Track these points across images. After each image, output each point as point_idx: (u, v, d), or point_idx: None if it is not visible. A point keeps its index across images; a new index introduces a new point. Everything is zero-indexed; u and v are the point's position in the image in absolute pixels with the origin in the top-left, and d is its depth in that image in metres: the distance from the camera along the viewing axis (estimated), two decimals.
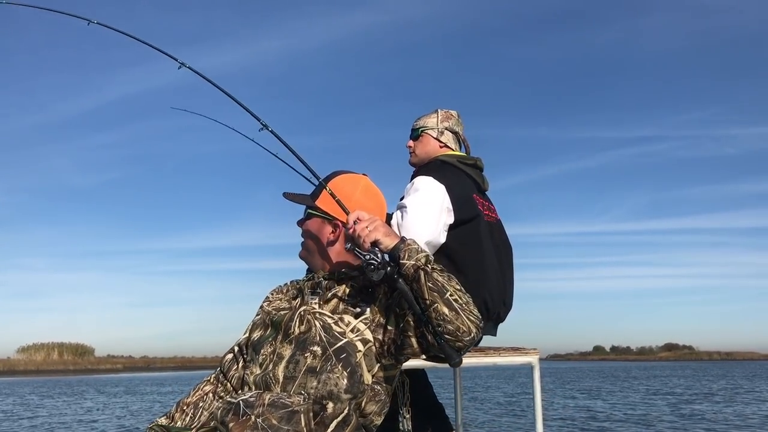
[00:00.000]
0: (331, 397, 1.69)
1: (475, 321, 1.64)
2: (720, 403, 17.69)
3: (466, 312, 1.64)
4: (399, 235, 1.77)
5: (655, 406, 16.82)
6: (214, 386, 1.93)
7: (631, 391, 23.36)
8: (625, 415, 14.39)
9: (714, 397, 19.61)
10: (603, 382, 31.14)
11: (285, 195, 1.99)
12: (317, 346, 1.74)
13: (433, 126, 3.13)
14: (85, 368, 57.88)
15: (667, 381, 32.24)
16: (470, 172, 3.05)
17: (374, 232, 1.73)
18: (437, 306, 1.63)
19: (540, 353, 2.89)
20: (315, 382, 1.70)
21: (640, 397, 19.81)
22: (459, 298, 1.65)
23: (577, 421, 13.22)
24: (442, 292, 1.63)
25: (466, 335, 1.63)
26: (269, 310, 1.91)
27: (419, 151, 3.15)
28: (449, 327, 1.62)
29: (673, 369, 55.74)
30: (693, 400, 18.47)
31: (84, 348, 62.16)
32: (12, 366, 54.21)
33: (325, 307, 1.82)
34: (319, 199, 1.93)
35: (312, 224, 1.95)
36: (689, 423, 12.69)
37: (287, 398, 1.68)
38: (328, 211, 1.92)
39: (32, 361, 55.49)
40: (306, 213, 1.98)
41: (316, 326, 1.77)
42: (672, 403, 17.27)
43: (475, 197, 2.98)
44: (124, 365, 65.45)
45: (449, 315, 1.62)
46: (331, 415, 1.69)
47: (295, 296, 1.92)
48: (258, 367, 1.80)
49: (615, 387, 26.18)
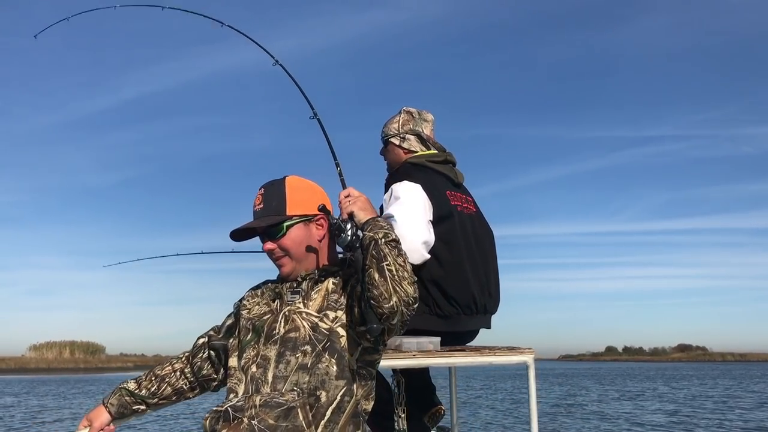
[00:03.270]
0: (324, 386, 1.75)
1: (401, 292, 1.69)
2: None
3: (395, 282, 1.68)
4: (377, 213, 1.85)
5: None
6: (184, 365, 2.07)
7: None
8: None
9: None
10: (613, 383, 30.98)
11: (255, 226, 1.93)
12: (307, 345, 1.79)
13: (395, 132, 3.13)
14: (96, 366, 58.20)
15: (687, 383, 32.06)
16: (440, 168, 3.05)
17: (352, 206, 1.85)
18: (371, 271, 1.69)
19: (536, 353, 2.84)
20: (307, 377, 1.76)
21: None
22: (395, 269, 1.69)
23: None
24: (380, 260, 1.70)
25: (386, 302, 1.67)
26: (251, 317, 1.92)
27: (388, 159, 3.18)
28: (374, 292, 1.68)
29: (686, 370, 55.43)
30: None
31: (95, 346, 62.50)
32: (24, 364, 54.61)
33: (310, 306, 1.86)
34: (289, 207, 1.92)
35: (294, 234, 1.91)
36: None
37: (280, 397, 1.74)
38: (306, 212, 1.93)
39: (44, 359, 55.82)
40: (277, 231, 1.91)
41: (305, 327, 1.82)
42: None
43: (448, 193, 2.99)
44: (136, 363, 65.75)
45: (377, 280, 1.68)
46: (325, 403, 1.75)
47: (273, 298, 1.94)
48: (243, 372, 1.83)
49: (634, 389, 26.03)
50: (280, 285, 1.95)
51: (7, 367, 53.07)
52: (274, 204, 1.92)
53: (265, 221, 1.90)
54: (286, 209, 1.91)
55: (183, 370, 2.06)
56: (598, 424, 13.74)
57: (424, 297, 2.82)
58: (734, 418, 15.06)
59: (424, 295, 2.83)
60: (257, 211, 1.94)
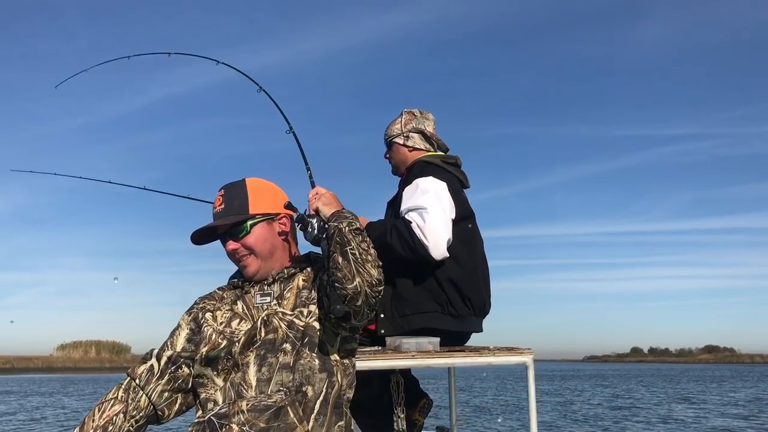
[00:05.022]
0: (309, 381, 1.77)
1: (364, 274, 1.73)
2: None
3: (358, 264, 1.73)
4: (341, 205, 1.90)
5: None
6: (124, 405, 1.84)
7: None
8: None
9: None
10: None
11: (219, 224, 1.91)
12: (286, 344, 1.81)
13: (398, 132, 3.13)
14: (121, 366, 58.82)
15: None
16: (453, 170, 3.06)
17: (317, 202, 1.90)
18: (335, 255, 1.73)
19: (535, 353, 2.83)
20: (291, 375, 1.77)
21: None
22: (357, 253, 1.74)
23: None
24: (343, 245, 1.74)
25: (349, 282, 1.71)
26: (219, 327, 1.87)
27: (394, 161, 3.18)
28: (338, 274, 1.73)
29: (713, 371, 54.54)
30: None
31: (120, 346, 63.21)
32: (51, 363, 55.46)
33: (284, 305, 1.88)
34: (251, 206, 1.92)
35: (258, 233, 1.92)
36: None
37: (267, 399, 1.73)
38: (269, 210, 1.95)
39: (70, 359, 56.61)
40: (240, 230, 1.90)
41: (282, 327, 1.83)
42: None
43: (464, 195, 3.01)
44: None
45: (341, 263, 1.72)
46: (313, 397, 1.77)
47: (236, 301, 1.92)
48: (221, 380, 1.82)
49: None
50: (247, 285, 1.94)
51: (35, 366, 53.99)
52: (236, 204, 1.91)
53: (229, 220, 1.89)
54: (248, 208, 1.91)
55: (126, 411, 1.84)
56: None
57: (437, 296, 2.83)
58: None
59: (438, 294, 2.83)
60: (218, 212, 1.93)
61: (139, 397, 1.86)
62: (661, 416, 15.68)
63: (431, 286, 2.83)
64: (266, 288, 1.91)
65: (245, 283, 1.95)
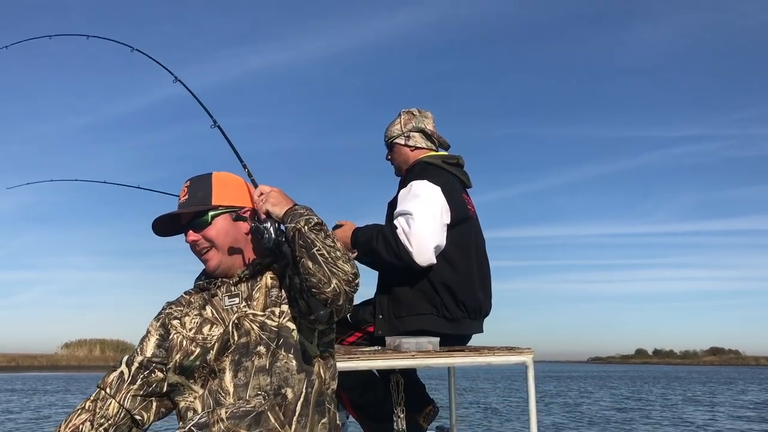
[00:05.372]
0: (287, 383, 1.73)
1: (338, 273, 1.66)
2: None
3: (330, 264, 1.66)
4: (292, 201, 1.80)
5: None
6: (91, 414, 1.80)
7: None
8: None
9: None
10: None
11: (179, 212, 1.86)
12: (260, 347, 1.76)
13: (399, 133, 3.11)
14: None
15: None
16: (455, 171, 3.04)
17: (265, 204, 1.78)
18: (303, 261, 1.66)
19: (537, 354, 2.83)
20: (269, 378, 1.73)
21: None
22: (326, 252, 1.66)
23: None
24: (309, 248, 1.66)
25: (327, 286, 1.65)
26: (190, 334, 1.82)
27: (397, 161, 3.16)
28: (312, 280, 1.66)
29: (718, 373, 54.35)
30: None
31: (124, 345, 63.12)
32: (56, 361, 55.57)
33: (254, 306, 1.82)
34: (214, 198, 1.87)
35: (220, 225, 1.86)
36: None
37: (246, 404, 1.70)
38: (232, 203, 1.88)
39: (75, 357, 56.71)
40: (201, 221, 1.85)
41: (254, 329, 1.79)
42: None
43: (464, 197, 3.00)
44: None
45: (312, 268, 1.65)
46: (293, 399, 1.73)
47: (204, 305, 1.87)
48: (198, 387, 1.79)
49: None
50: (213, 289, 1.88)
51: (39, 365, 54.14)
52: (199, 195, 1.87)
53: (190, 209, 1.85)
54: (211, 200, 1.86)
55: (93, 420, 1.80)
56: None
57: (431, 299, 2.84)
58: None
59: (432, 297, 2.84)
60: (182, 202, 1.88)
61: (107, 405, 1.81)
62: (672, 419, 15.57)
63: (426, 288, 2.84)
64: (233, 288, 1.85)
65: (211, 284, 1.89)
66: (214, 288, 1.88)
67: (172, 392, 1.84)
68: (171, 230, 1.91)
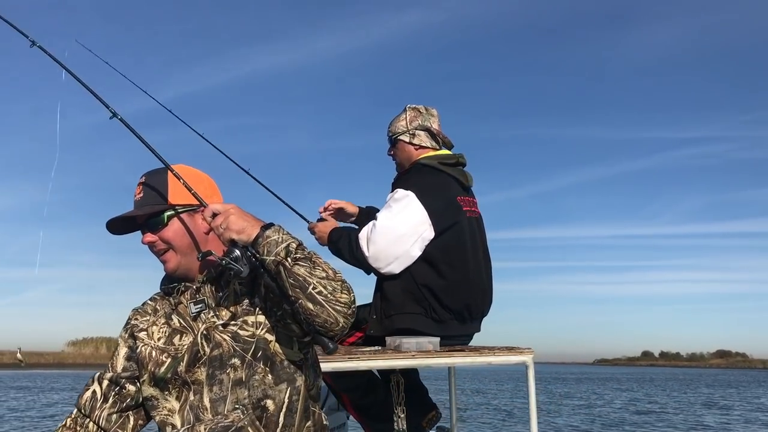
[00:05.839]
0: (267, 394, 1.66)
1: (342, 310, 1.56)
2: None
3: (332, 303, 1.55)
4: (258, 222, 1.61)
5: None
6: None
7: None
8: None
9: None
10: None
11: (133, 215, 1.73)
12: (235, 359, 1.67)
13: (404, 129, 3.09)
14: None
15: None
16: (452, 171, 3.03)
17: (227, 231, 1.59)
18: (302, 302, 1.55)
19: (542, 355, 2.84)
20: (246, 391, 1.66)
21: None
22: (323, 288, 1.55)
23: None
24: (304, 288, 1.54)
25: (334, 326, 1.57)
26: (162, 347, 1.74)
27: (399, 159, 3.14)
28: (317, 320, 1.56)
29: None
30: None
31: None
32: (62, 359, 55.78)
33: (223, 315, 1.71)
34: (171, 196, 1.74)
35: (177, 225, 1.73)
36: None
37: (224, 419, 1.64)
38: (191, 200, 1.73)
39: (81, 355, 56.90)
40: (157, 221, 1.73)
41: (226, 341, 1.68)
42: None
43: (458, 199, 2.98)
44: None
45: (314, 309, 1.55)
46: (275, 410, 1.66)
47: (170, 314, 1.77)
48: (174, 400, 1.72)
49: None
50: (177, 296, 1.78)
51: (46, 362, 54.37)
52: (154, 193, 1.74)
53: (144, 210, 1.73)
54: (167, 198, 1.73)
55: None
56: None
57: (420, 300, 2.86)
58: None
59: (421, 298, 2.86)
60: (137, 201, 1.76)
61: (86, 425, 1.78)
62: (688, 422, 15.45)
63: (414, 290, 2.86)
64: (198, 295, 1.74)
65: (174, 290, 1.79)
66: (177, 295, 1.78)
67: (146, 405, 1.77)
68: (130, 227, 1.79)
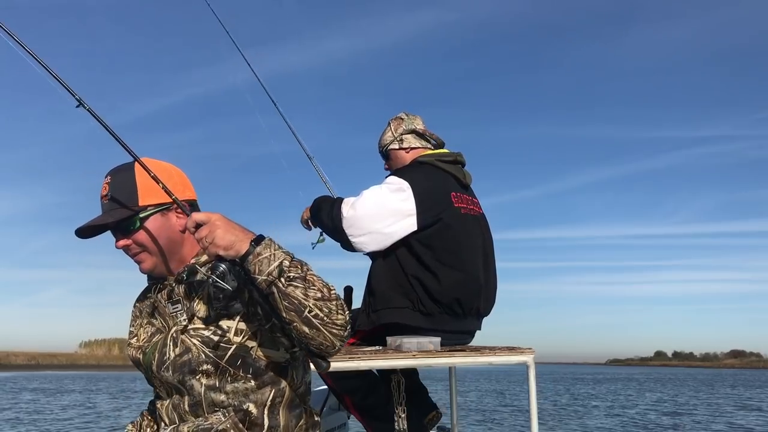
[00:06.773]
0: (248, 398, 1.63)
1: (338, 333, 1.51)
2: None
3: (329, 326, 1.49)
4: (247, 235, 1.51)
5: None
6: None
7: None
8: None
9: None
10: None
11: (102, 222, 1.64)
12: (207, 365, 1.62)
13: (392, 138, 3.14)
14: None
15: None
16: (449, 168, 3.04)
17: (213, 247, 1.49)
18: (296, 325, 1.49)
19: (536, 354, 2.82)
20: (223, 396, 1.63)
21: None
22: (319, 311, 1.48)
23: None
24: (299, 311, 1.47)
25: (330, 348, 1.54)
26: (140, 344, 1.74)
27: (394, 168, 3.14)
28: (313, 343, 1.52)
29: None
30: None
31: None
32: (75, 360, 56.21)
33: (196, 320, 1.65)
34: (141, 197, 1.65)
35: (150, 227, 1.65)
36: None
37: (205, 422, 1.62)
38: (161, 200, 1.65)
39: (94, 356, 57.32)
40: (130, 225, 1.65)
41: (196, 345, 1.62)
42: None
43: (453, 195, 2.98)
44: None
45: (310, 333, 1.49)
46: (258, 413, 1.64)
47: (151, 312, 1.74)
48: (164, 393, 1.73)
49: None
50: (154, 295, 1.74)
51: (59, 363, 54.80)
52: (123, 194, 1.64)
53: (115, 215, 1.63)
54: (138, 199, 1.64)
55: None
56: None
57: (408, 292, 2.86)
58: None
59: (409, 290, 2.86)
60: (105, 203, 1.66)
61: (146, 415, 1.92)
62: (725, 423, 15.31)
63: (403, 281, 2.86)
64: (174, 295, 1.69)
65: (151, 290, 1.76)
66: (154, 294, 1.74)
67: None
68: (100, 229, 1.69)
